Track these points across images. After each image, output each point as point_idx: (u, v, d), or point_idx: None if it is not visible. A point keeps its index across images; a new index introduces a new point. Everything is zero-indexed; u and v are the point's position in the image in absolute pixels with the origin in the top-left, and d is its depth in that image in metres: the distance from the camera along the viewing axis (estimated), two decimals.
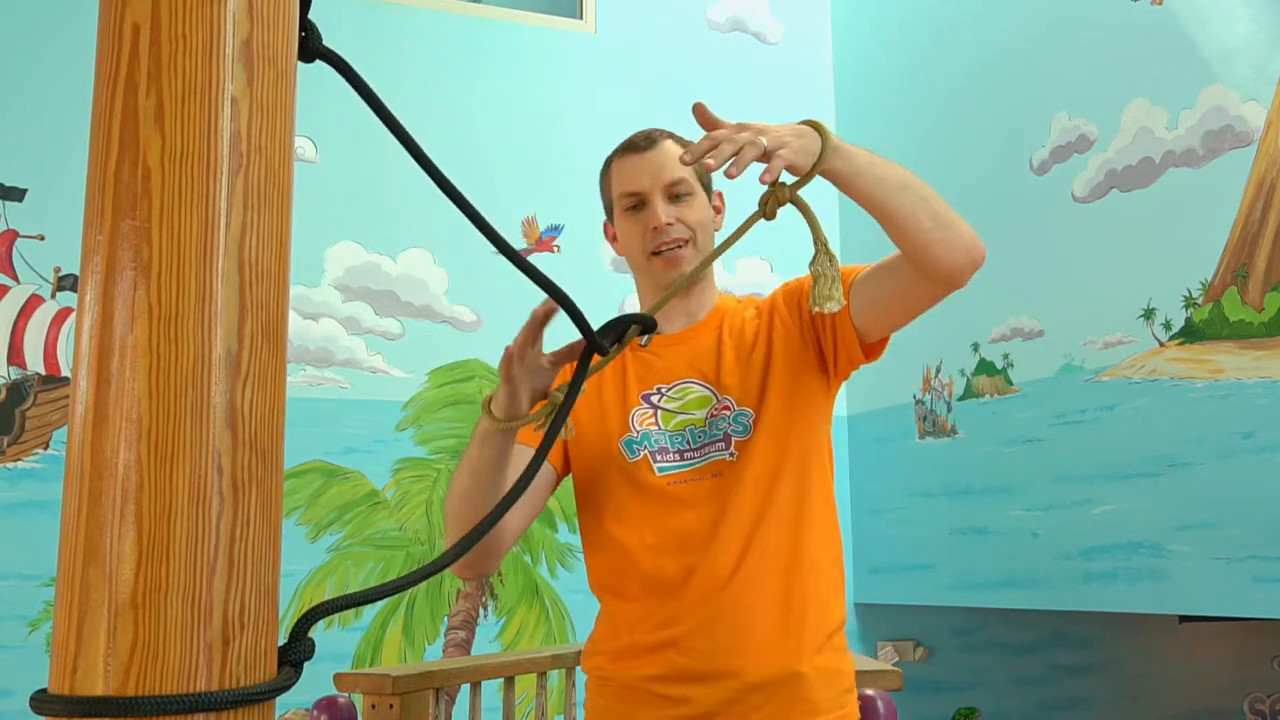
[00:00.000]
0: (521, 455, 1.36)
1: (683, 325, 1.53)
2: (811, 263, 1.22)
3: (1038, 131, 2.96)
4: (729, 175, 1.16)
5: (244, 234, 0.57)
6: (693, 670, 1.37)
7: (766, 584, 1.39)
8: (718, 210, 1.57)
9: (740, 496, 1.40)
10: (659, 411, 1.45)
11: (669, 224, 1.45)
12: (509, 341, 1.27)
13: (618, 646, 1.44)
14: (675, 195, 1.47)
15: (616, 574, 1.46)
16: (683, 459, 1.43)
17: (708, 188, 1.54)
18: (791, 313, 1.48)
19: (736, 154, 1.15)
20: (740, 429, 1.43)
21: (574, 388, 0.98)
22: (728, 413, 1.44)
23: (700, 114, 1.23)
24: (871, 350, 1.45)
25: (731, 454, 1.42)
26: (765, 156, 1.17)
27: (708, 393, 1.45)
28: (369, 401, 3.24)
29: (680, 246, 1.46)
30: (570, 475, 1.54)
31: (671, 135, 1.53)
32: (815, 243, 1.21)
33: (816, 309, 1.21)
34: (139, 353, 0.54)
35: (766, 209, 1.21)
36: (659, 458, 1.43)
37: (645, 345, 1.51)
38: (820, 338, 1.45)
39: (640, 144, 1.50)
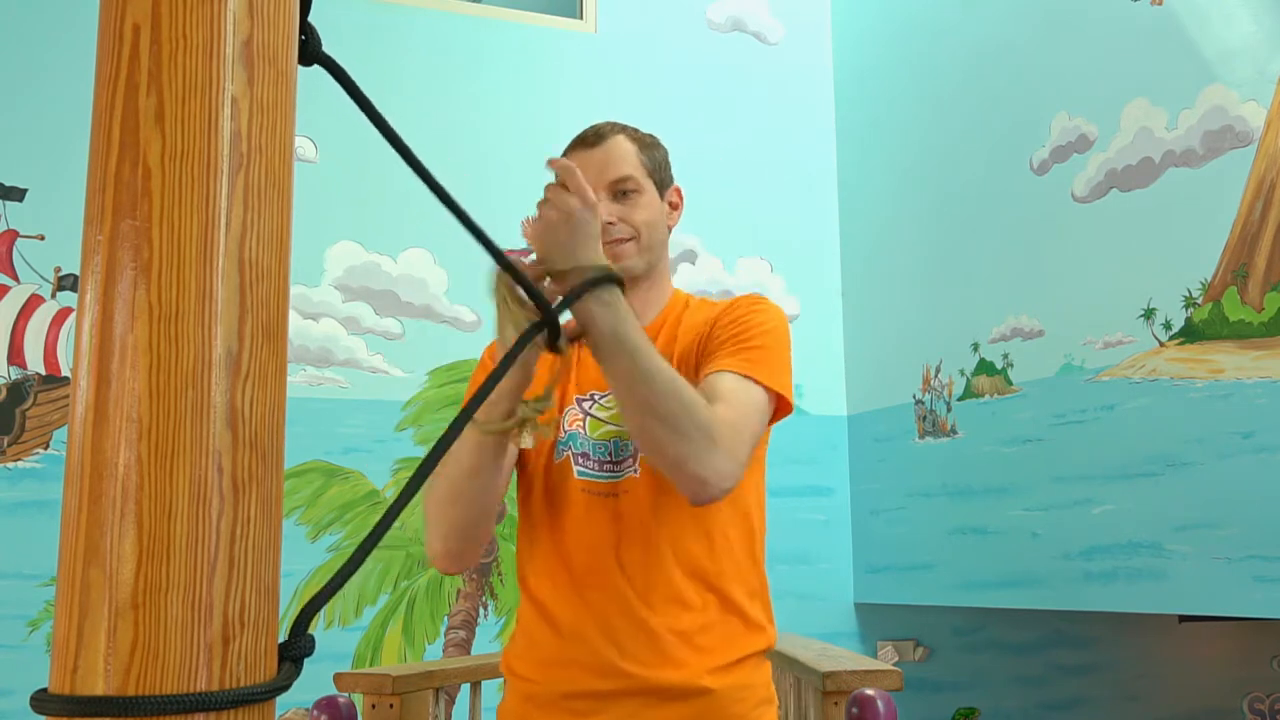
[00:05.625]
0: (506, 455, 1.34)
1: None
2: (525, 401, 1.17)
3: (1038, 131, 2.96)
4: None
5: (244, 234, 0.57)
6: (599, 689, 1.33)
7: (672, 601, 1.35)
8: (674, 206, 1.50)
9: (641, 517, 1.36)
10: (588, 419, 1.41)
11: (611, 223, 1.39)
12: None
13: (536, 657, 1.40)
14: (621, 193, 1.42)
15: (535, 573, 1.42)
16: (600, 469, 1.39)
17: (661, 184, 1.47)
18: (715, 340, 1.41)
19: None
20: None
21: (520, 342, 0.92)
22: None
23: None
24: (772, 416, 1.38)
25: (635, 470, 1.37)
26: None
27: None
28: (369, 401, 3.24)
29: (622, 243, 1.41)
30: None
31: (625, 129, 1.46)
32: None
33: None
34: (139, 353, 0.54)
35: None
36: (580, 461, 1.39)
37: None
38: None
39: (589, 139, 1.44)
